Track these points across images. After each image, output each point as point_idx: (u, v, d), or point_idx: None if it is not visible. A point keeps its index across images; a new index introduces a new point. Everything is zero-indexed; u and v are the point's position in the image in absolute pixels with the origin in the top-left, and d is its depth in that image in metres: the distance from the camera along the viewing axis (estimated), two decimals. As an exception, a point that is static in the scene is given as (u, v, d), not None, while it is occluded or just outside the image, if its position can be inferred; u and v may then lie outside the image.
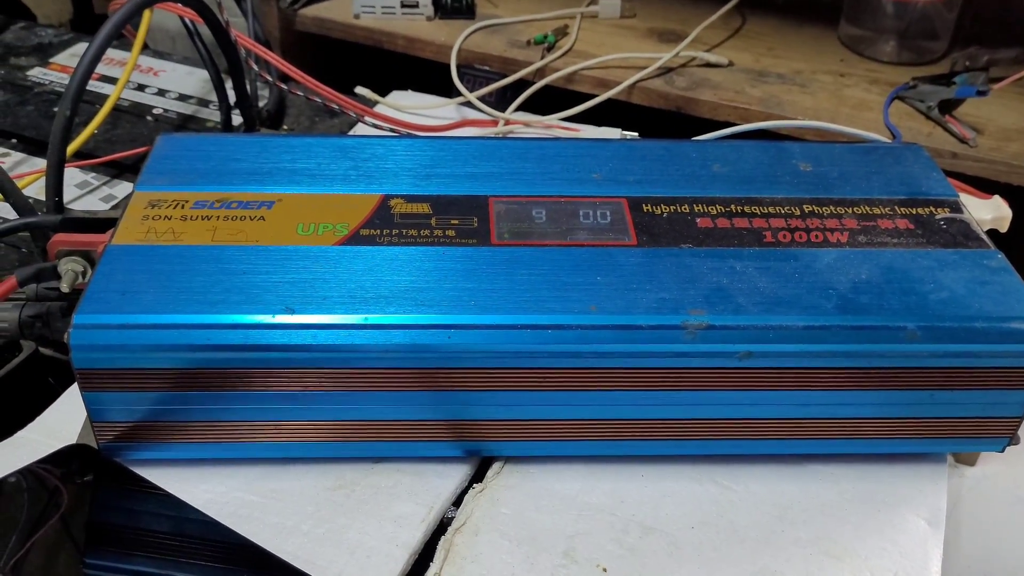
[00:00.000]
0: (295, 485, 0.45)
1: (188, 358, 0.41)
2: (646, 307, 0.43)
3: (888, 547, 0.44)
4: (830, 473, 0.47)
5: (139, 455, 0.45)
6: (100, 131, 0.74)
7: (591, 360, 0.42)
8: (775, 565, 0.43)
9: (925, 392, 0.44)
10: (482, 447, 0.46)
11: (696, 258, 0.46)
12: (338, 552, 0.42)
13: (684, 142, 0.55)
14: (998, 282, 0.45)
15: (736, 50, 0.83)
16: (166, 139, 0.53)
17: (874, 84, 0.78)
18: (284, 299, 0.42)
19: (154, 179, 0.49)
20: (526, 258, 0.45)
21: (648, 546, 0.43)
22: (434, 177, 0.51)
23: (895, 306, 0.43)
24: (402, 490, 0.45)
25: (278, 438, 0.44)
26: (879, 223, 0.49)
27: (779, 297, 0.44)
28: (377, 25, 0.84)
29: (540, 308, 0.42)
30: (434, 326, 0.42)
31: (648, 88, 0.76)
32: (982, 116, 0.73)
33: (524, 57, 0.80)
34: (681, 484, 0.46)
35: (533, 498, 0.45)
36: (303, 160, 0.51)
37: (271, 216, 0.47)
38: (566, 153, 0.53)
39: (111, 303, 0.41)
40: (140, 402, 0.43)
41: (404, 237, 0.46)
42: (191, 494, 0.44)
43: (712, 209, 0.49)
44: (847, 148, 0.56)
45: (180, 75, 0.84)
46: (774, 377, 0.43)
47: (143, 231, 0.46)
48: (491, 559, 0.42)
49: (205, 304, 0.42)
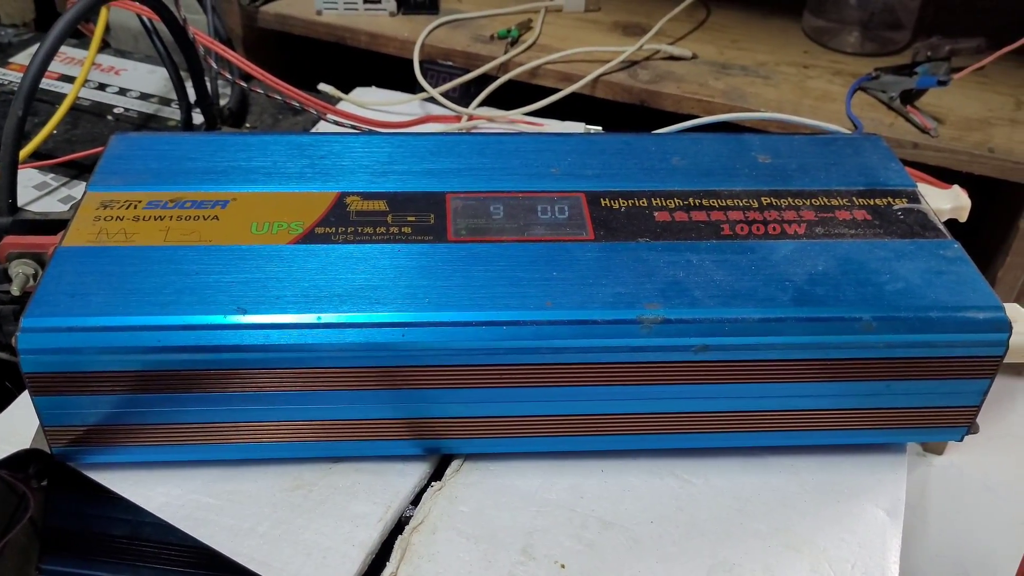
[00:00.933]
0: (252, 486, 0.45)
1: (139, 360, 0.41)
2: (602, 302, 0.43)
3: (847, 538, 0.44)
4: (790, 465, 0.47)
5: (94, 459, 0.45)
6: (59, 131, 0.73)
7: (547, 356, 0.42)
8: (734, 558, 0.43)
9: (882, 383, 0.44)
10: (441, 445, 0.46)
11: (653, 252, 0.46)
12: (294, 553, 0.41)
13: (644, 136, 0.55)
14: (954, 272, 0.46)
15: (700, 43, 0.83)
16: (120, 139, 0.52)
17: (837, 75, 0.79)
18: (236, 299, 0.42)
19: (107, 179, 0.49)
20: (482, 254, 0.45)
21: (607, 541, 0.43)
22: (391, 174, 0.50)
23: (851, 297, 0.43)
24: (360, 489, 0.45)
25: (235, 439, 0.44)
26: (837, 214, 0.49)
27: (735, 290, 0.44)
28: (340, 21, 0.84)
29: (495, 304, 0.42)
30: (388, 324, 0.41)
31: (612, 82, 0.76)
32: (943, 106, 0.74)
33: (488, 52, 0.80)
34: (641, 478, 0.46)
35: (492, 495, 0.45)
36: (259, 158, 0.51)
37: (225, 215, 0.47)
38: (525, 148, 0.53)
39: (60, 306, 0.41)
40: (92, 405, 0.42)
41: (360, 235, 0.46)
42: (147, 497, 0.44)
43: (670, 202, 0.49)
44: (806, 140, 0.56)
45: (142, 74, 0.83)
46: (731, 370, 0.43)
47: (95, 232, 0.45)
48: (448, 557, 0.41)
49: (156, 305, 0.41)
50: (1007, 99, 0.76)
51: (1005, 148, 0.69)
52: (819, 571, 0.42)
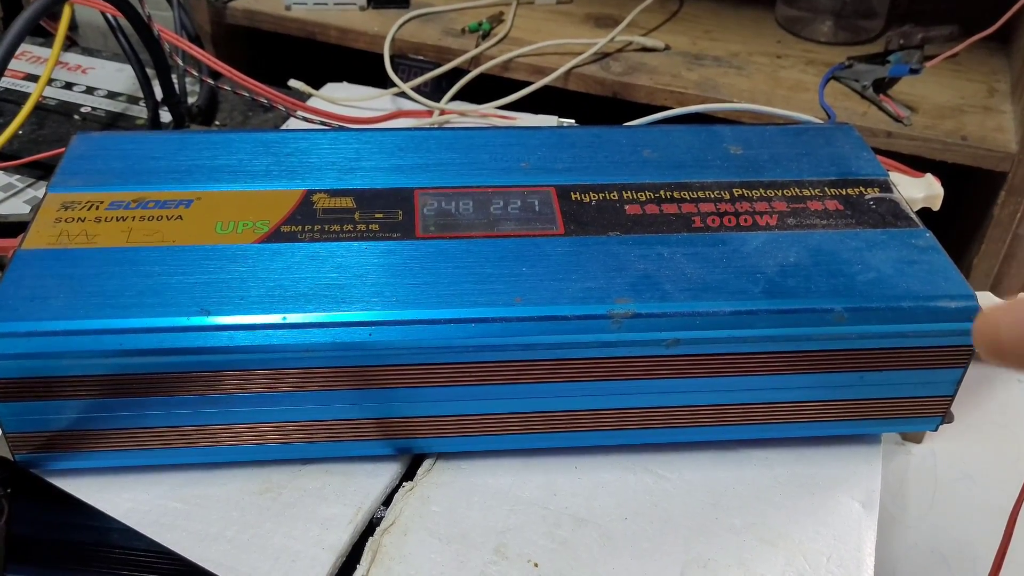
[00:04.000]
0: (220, 491, 0.44)
1: (102, 364, 0.40)
2: (572, 297, 0.42)
3: (822, 530, 0.44)
4: (764, 458, 0.47)
5: (58, 465, 0.44)
6: (25, 131, 0.72)
7: (517, 352, 0.41)
8: (709, 553, 0.42)
9: (855, 374, 0.44)
10: (412, 444, 0.46)
11: (624, 246, 0.45)
12: (263, 558, 0.41)
13: (614, 128, 0.55)
14: (926, 261, 0.45)
15: (673, 33, 0.82)
16: (82, 138, 0.51)
17: (810, 65, 0.78)
18: (200, 300, 0.41)
19: (68, 180, 0.48)
20: (451, 251, 0.45)
21: (580, 539, 0.43)
22: (359, 170, 0.50)
23: (822, 288, 0.43)
24: (330, 491, 0.44)
25: (201, 443, 0.43)
26: (808, 205, 0.48)
27: (706, 283, 0.43)
28: (309, 16, 0.83)
29: (463, 301, 0.42)
30: (354, 323, 0.41)
31: (584, 74, 0.76)
32: (916, 94, 0.74)
33: (459, 46, 0.79)
34: (615, 474, 0.46)
35: (465, 494, 0.44)
36: (224, 156, 0.50)
37: (189, 215, 0.46)
38: (495, 142, 0.53)
39: (19, 310, 0.40)
40: (55, 411, 0.41)
41: (326, 233, 0.45)
42: (112, 503, 0.43)
43: (641, 195, 0.49)
44: (778, 130, 0.55)
45: (109, 72, 0.82)
46: (703, 364, 0.43)
47: (55, 234, 0.44)
48: (419, 559, 0.41)
49: (118, 308, 0.40)
50: (980, 87, 0.76)
51: (978, 136, 0.69)
52: (794, 564, 0.42)
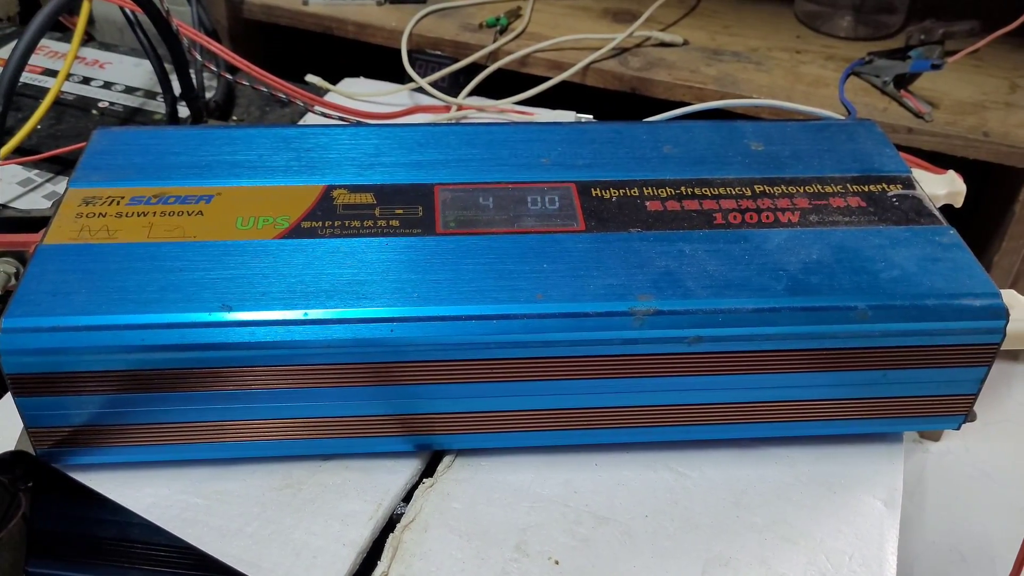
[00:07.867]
0: (241, 486, 0.44)
1: (123, 360, 0.40)
2: (593, 294, 0.42)
3: (844, 529, 0.43)
4: (786, 456, 0.47)
5: (79, 460, 0.44)
6: (44, 126, 0.72)
7: (538, 350, 0.41)
8: (730, 551, 0.42)
9: (879, 372, 0.44)
10: (432, 441, 0.45)
11: (645, 242, 0.45)
12: (284, 553, 0.41)
13: (635, 124, 0.55)
14: (950, 258, 0.45)
15: (691, 28, 0.82)
16: (102, 133, 0.51)
17: (830, 60, 0.78)
18: (221, 296, 0.41)
19: (89, 175, 0.48)
20: (471, 247, 0.44)
21: (601, 536, 0.42)
22: (378, 166, 0.49)
23: (846, 286, 0.43)
24: (350, 487, 0.44)
25: (222, 438, 0.43)
26: (831, 201, 0.48)
27: (728, 280, 0.43)
28: (326, 11, 0.83)
29: (485, 298, 0.41)
30: (376, 320, 0.40)
31: (602, 69, 0.75)
32: (938, 90, 0.73)
33: (476, 41, 0.79)
34: (635, 472, 0.46)
35: (485, 491, 0.44)
36: (244, 152, 0.50)
37: (210, 210, 0.46)
38: (514, 138, 0.52)
39: (42, 305, 0.40)
40: (76, 406, 0.41)
41: (347, 228, 0.45)
42: (134, 498, 0.43)
43: (662, 192, 0.48)
44: (799, 126, 0.55)
45: (127, 67, 0.82)
46: (725, 361, 0.43)
47: (76, 229, 0.44)
48: (440, 555, 0.41)
49: (139, 304, 0.40)
50: (1002, 82, 0.75)
51: (1000, 132, 0.69)
52: (816, 563, 0.42)
